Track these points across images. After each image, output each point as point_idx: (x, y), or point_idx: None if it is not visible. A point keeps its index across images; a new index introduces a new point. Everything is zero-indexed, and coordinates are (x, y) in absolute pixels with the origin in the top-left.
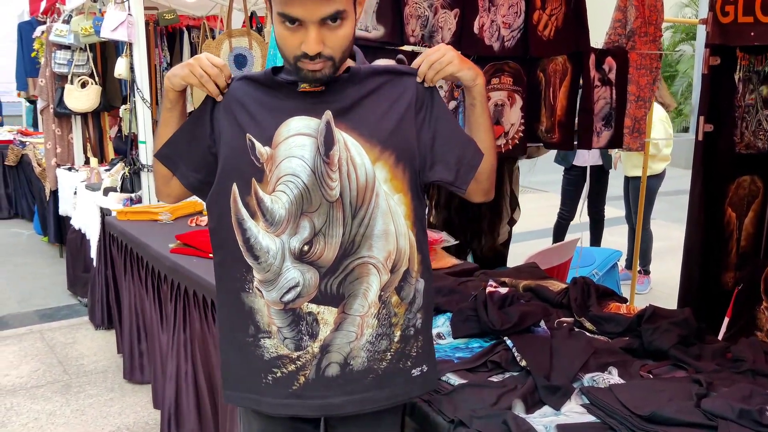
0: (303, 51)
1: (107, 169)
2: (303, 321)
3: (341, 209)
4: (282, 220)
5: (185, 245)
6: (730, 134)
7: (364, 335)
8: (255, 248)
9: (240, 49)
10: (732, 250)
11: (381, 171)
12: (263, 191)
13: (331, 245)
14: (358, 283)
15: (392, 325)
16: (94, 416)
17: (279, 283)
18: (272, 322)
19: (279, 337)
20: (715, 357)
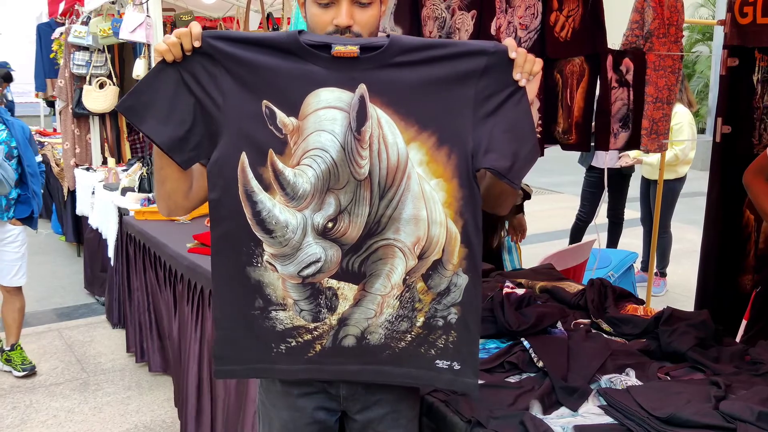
0: (335, 24)
1: (125, 170)
2: (322, 295)
3: (369, 188)
4: (306, 195)
5: (202, 245)
6: (748, 136)
7: (384, 314)
8: (267, 222)
9: None
10: (750, 253)
11: (416, 153)
12: (283, 163)
13: (356, 224)
14: (381, 264)
15: (415, 310)
16: (111, 414)
17: (298, 258)
18: (287, 295)
19: (295, 309)
20: (733, 359)
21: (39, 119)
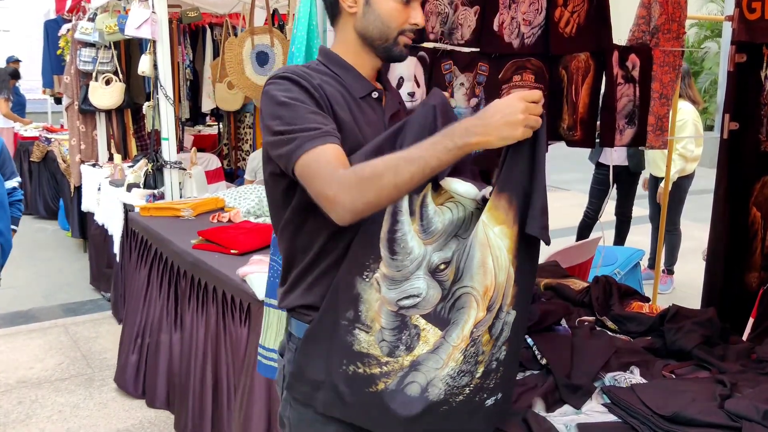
0: (412, 23)
1: (130, 166)
2: (407, 330)
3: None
4: (435, 234)
5: (207, 241)
6: (755, 132)
7: (447, 367)
8: (397, 243)
9: (262, 47)
10: (756, 250)
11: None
12: (432, 199)
13: (453, 269)
14: (461, 313)
15: (477, 363)
16: (116, 409)
17: (402, 287)
18: (377, 319)
19: (377, 336)
20: (739, 358)
21: (47, 116)
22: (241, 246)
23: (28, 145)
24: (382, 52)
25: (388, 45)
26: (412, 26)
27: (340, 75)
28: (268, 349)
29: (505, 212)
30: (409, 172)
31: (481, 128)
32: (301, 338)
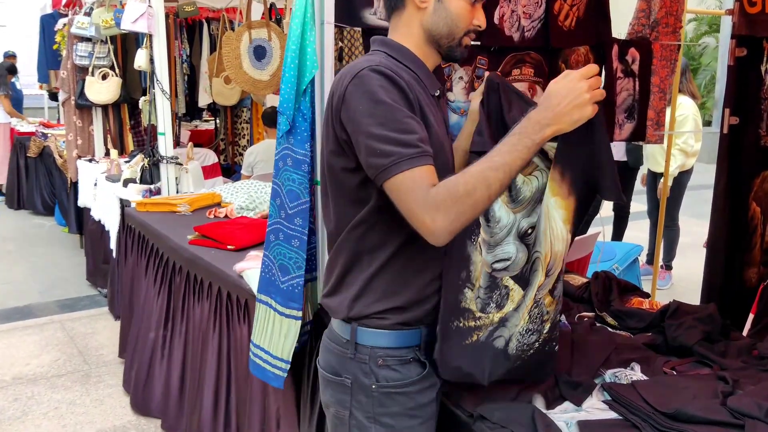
0: (476, 24)
1: (127, 161)
2: (498, 290)
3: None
4: (524, 201)
5: (203, 237)
6: (755, 127)
7: (520, 325)
8: (489, 212)
9: (259, 41)
10: (756, 246)
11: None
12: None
13: (536, 232)
14: (534, 275)
15: (543, 322)
16: (113, 406)
17: (496, 251)
18: (479, 278)
19: (476, 293)
20: (740, 354)
21: (43, 111)
22: (237, 242)
23: (25, 141)
24: (446, 50)
25: (453, 44)
26: (476, 27)
27: (414, 71)
28: (259, 347)
29: (558, 184)
30: (498, 180)
31: (551, 118)
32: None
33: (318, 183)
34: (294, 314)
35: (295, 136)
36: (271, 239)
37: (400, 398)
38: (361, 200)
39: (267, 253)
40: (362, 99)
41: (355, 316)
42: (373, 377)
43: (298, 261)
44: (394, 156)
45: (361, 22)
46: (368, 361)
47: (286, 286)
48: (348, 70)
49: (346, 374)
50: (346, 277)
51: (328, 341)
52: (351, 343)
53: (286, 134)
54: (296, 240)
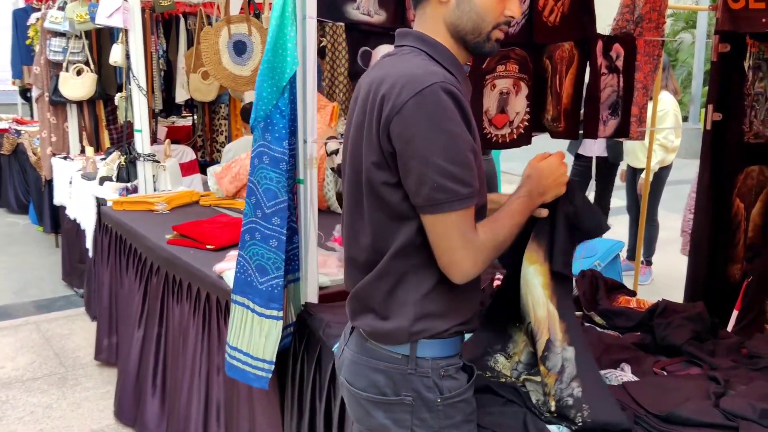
0: (508, 15)
1: (103, 158)
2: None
3: None
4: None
5: (182, 236)
6: (739, 123)
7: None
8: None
9: (239, 36)
10: (739, 242)
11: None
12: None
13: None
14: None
15: (546, 395)
16: (90, 409)
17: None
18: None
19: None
20: (729, 353)
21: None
22: (217, 241)
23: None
24: (473, 47)
25: (480, 40)
26: (508, 18)
27: (455, 75)
28: (236, 349)
29: (536, 252)
30: (512, 234)
31: (542, 189)
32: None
33: (301, 182)
34: (275, 315)
35: (272, 133)
36: (246, 239)
37: (461, 406)
38: (403, 216)
39: (242, 253)
40: (426, 121)
41: (426, 335)
42: (437, 390)
43: (276, 262)
44: (449, 193)
45: (344, 17)
46: (431, 374)
47: (265, 287)
48: (405, 77)
49: (406, 392)
50: (393, 299)
51: (368, 359)
52: (411, 358)
53: (262, 131)
54: (274, 240)
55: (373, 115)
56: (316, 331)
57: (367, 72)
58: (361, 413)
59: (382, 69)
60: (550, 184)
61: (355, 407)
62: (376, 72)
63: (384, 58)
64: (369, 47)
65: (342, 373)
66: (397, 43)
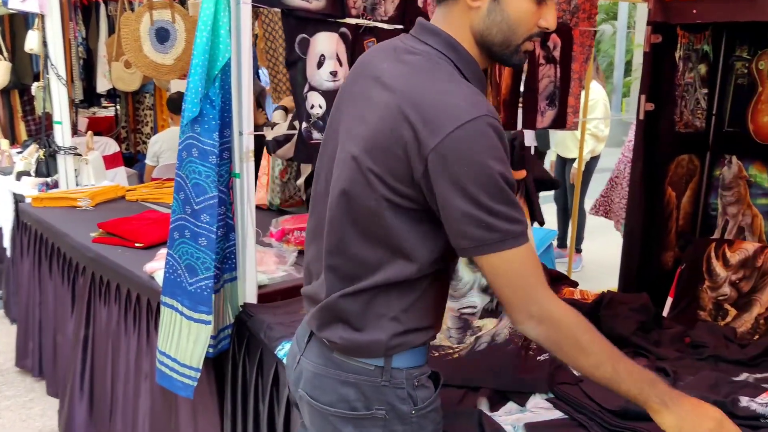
0: (543, 27)
1: (19, 152)
2: (470, 330)
3: None
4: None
5: (108, 234)
6: (670, 113)
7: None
8: (456, 271)
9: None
10: (671, 230)
11: None
12: None
13: None
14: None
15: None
16: (12, 420)
17: (461, 301)
18: (445, 321)
19: (446, 333)
20: (673, 342)
21: None
22: (145, 239)
23: None
24: (498, 58)
25: (508, 52)
26: (542, 30)
27: (480, 91)
28: (165, 354)
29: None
30: (603, 375)
31: (669, 408)
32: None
33: (237, 176)
34: (203, 318)
35: (202, 124)
36: (175, 237)
37: (432, 415)
38: (433, 246)
39: (171, 251)
40: (472, 159)
41: (406, 348)
42: (411, 402)
43: (206, 262)
44: (501, 232)
45: (280, 3)
46: (405, 385)
47: (194, 288)
48: (446, 103)
49: (379, 405)
50: (370, 312)
51: (336, 372)
52: (385, 369)
53: (191, 122)
54: (203, 238)
55: (396, 135)
56: (257, 334)
57: (373, 61)
58: (327, 429)
59: (406, 74)
60: (688, 419)
61: (320, 423)
62: (395, 71)
63: (405, 54)
64: (307, 35)
65: (301, 386)
66: (420, 36)
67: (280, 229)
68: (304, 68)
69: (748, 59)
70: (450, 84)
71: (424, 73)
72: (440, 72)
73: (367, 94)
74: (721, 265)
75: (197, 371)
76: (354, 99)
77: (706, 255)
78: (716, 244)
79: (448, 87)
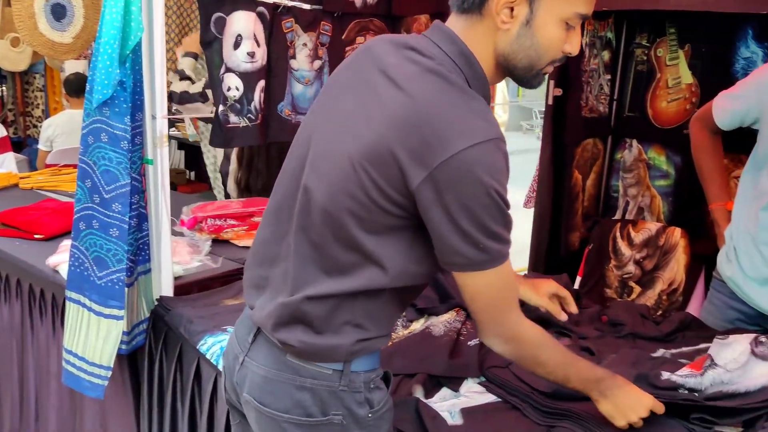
0: (566, 52)
1: None
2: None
3: None
4: None
5: (4, 226)
6: (577, 98)
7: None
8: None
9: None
10: (578, 212)
11: None
12: None
13: None
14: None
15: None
16: None
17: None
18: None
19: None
20: (592, 321)
21: None
22: (46, 230)
23: None
24: (519, 79)
25: (530, 76)
26: (566, 55)
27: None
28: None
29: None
30: (555, 380)
31: (607, 398)
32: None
33: (150, 162)
34: (115, 314)
35: (112, 108)
36: (80, 227)
37: (387, 415)
38: (414, 252)
39: (77, 243)
40: (478, 181)
41: (354, 357)
42: (367, 405)
43: (117, 254)
44: (492, 253)
45: None
46: (362, 389)
47: (104, 282)
48: (459, 119)
49: (336, 411)
50: (335, 316)
51: (291, 376)
52: (344, 374)
53: (99, 106)
54: (115, 229)
55: (407, 140)
56: (176, 328)
57: (378, 52)
58: None
59: (418, 77)
60: (620, 402)
61: (270, 430)
62: (406, 69)
63: (415, 54)
64: (223, 13)
65: (246, 390)
66: (434, 39)
67: (192, 218)
68: (220, 49)
69: (647, 47)
70: (467, 98)
71: (439, 81)
72: (455, 83)
73: (373, 86)
74: (626, 244)
75: (108, 370)
76: (357, 85)
77: (612, 235)
78: (621, 224)
79: (465, 101)
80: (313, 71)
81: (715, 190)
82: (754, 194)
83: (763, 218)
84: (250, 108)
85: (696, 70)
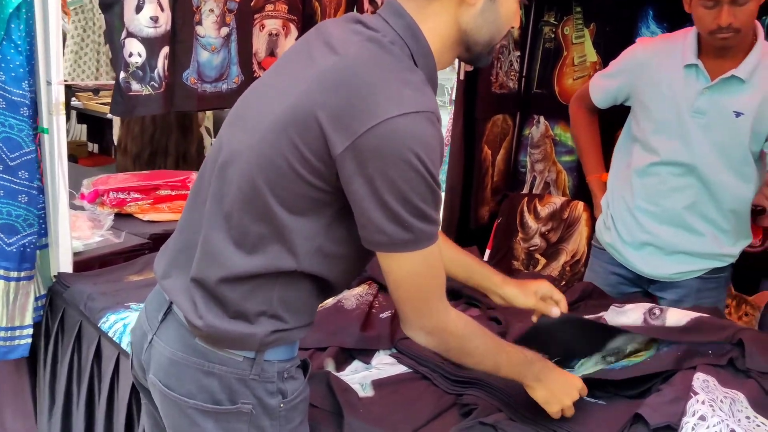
0: (717, 24)
1: None
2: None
3: None
4: None
5: None
6: (487, 74)
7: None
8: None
9: None
10: (487, 186)
11: None
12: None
13: None
14: None
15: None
16: None
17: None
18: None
19: None
20: None
21: None
22: None
23: None
24: (474, 57)
25: (485, 52)
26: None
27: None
28: None
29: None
30: (485, 369)
31: (542, 382)
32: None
33: (45, 131)
34: (28, 275)
35: (7, 72)
36: None
37: (301, 406)
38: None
39: None
40: (405, 153)
41: (267, 348)
42: (279, 395)
43: (28, 218)
44: (417, 233)
45: None
46: (275, 379)
47: (16, 248)
48: (390, 87)
49: (245, 400)
50: (251, 300)
51: (199, 360)
52: (257, 362)
53: None
54: (24, 195)
55: (333, 100)
56: (76, 306)
57: (328, 27)
58: (183, 423)
59: (357, 43)
60: (553, 386)
61: (175, 415)
62: (346, 38)
63: (360, 26)
64: None
65: (152, 371)
66: (383, 14)
67: (93, 191)
68: (121, 12)
69: (555, 24)
70: (403, 68)
71: (377, 48)
72: (394, 53)
73: (312, 55)
74: (532, 218)
75: (29, 328)
76: (298, 58)
77: (519, 209)
78: (528, 198)
79: (401, 70)
80: (220, 38)
81: (591, 163)
82: (627, 164)
83: (637, 186)
84: (153, 75)
85: (600, 49)
